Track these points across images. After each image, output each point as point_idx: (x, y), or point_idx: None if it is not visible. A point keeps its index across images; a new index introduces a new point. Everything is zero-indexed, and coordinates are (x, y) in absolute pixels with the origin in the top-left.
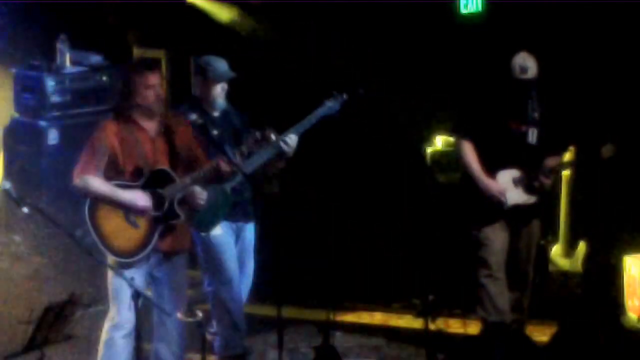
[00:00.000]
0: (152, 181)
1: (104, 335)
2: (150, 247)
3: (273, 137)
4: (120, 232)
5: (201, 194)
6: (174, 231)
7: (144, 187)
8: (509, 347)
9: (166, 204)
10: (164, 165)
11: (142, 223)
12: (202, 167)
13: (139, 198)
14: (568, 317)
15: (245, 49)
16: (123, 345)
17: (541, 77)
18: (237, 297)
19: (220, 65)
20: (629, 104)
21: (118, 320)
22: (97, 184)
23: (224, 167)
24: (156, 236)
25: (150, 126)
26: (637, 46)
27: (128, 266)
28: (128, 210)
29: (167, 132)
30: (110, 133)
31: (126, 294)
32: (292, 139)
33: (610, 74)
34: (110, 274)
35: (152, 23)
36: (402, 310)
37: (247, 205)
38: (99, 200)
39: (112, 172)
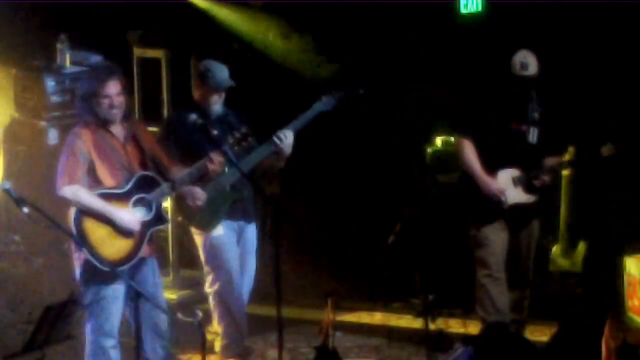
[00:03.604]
0: (138, 186)
1: (93, 349)
2: (140, 253)
3: (250, 136)
4: (110, 240)
5: (201, 195)
6: (154, 237)
7: (129, 193)
8: (507, 349)
9: (154, 209)
10: (137, 170)
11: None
12: (170, 172)
13: (130, 221)
14: (568, 317)
15: (245, 49)
16: (116, 356)
17: (541, 77)
18: (239, 297)
19: (220, 73)
20: (629, 104)
21: (109, 330)
22: (88, 196)
23: (211, 167)
24: (145, 243)
25: (119, 132)
26: (637, 46)
27: (118, 274)
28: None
29: (134, 138)
30: (87, 140)
31: (118, 302)
32: (287, 136)
33: (610, 74)
34: (93, 286)
35: (152, 23)
36: (402, 310)
37: (248, 205)
38: (87, 212)
39: (91, 180)
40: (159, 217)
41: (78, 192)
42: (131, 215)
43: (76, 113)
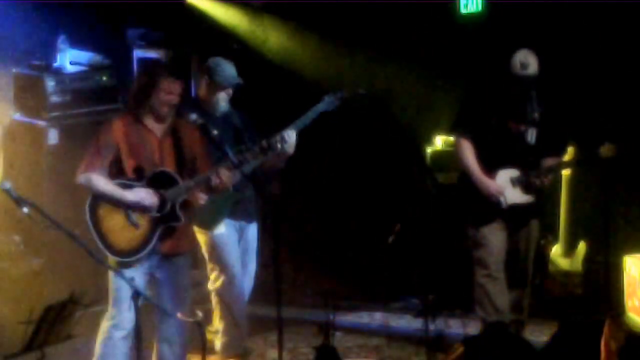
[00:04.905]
0: (154, 182)
1: (102, 335)
2: (149, 247)
3: (279, 145)
4: (120, 231)
5: (203, 195)
6: (175, 233)
7: (145, 187)
8: (506, 349)
9: (168, 206)
10: (170, 166)
11: (143, 223)
12: (204, 170)
13: (145, 197)
14: (568, 317)
15: (246, 49)
16: (121, 346)
17: (541, 77)
18: (240, 297)
19: (229, 69)
20: (629, 104)
21: (118, 320)
22: (102, 182)
23: (223, 173)
24: (156, 237)
25: (158, 127)
26: (637, 46)
27: (127, 266)
28: (130, 209)
29: (174, 134)
30: (117, 131)
31: (127, 294)
32: (290, 136)
33: (609, 74)
34: (110, 273)
35: (152, 23)
36: (402, 310)
37: (249, 205)
38: (102, 198)
39: (115, 170)
40: (173, 215)
41: (92, 179)
42: (146, 192)
43: (125, 104)
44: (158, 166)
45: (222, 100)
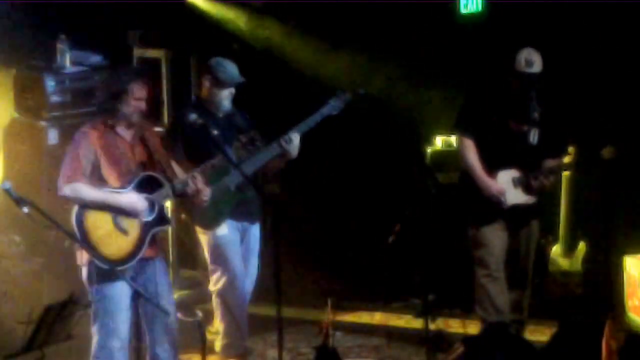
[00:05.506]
0: (140, 186)
1: (98, 349)
2: (141, 253)
3: (258, 142)
4: (111, 239)
5: (205, 191)
6: (157, 237)
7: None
8: (506, 349)
9: (156, 209)
10: (144, 170)
11: (132, 229)
12: (173, 176)
13: (137, 201)
14: (568, 317)
15: (246, 49)
16: (121, 358)
17: (541, 77)
18: (241, 297)
19: (231, 68)
20: (630, 105)
21: (112, 329)
22: (89, 190)
23: (197, 179)
24: (147, 242)
25: (128, 134)
26: (637, 46)
27: (118, 274)
28: (120, 215)
29: (142, 139)
30: (94, 140)
31: (123, 301)
32: (294, 138)
33: (610, 74)
34: (97, 286)
35: (152, 23)
36: (402, 310)
37: (251, 205)
38: (90, 207)
39: (95, 179)
40: (162, 219)
41: (78, 188)
42: (137, 196)
43: (98, 110)
44: (135, 171)
45: (225, 99)
